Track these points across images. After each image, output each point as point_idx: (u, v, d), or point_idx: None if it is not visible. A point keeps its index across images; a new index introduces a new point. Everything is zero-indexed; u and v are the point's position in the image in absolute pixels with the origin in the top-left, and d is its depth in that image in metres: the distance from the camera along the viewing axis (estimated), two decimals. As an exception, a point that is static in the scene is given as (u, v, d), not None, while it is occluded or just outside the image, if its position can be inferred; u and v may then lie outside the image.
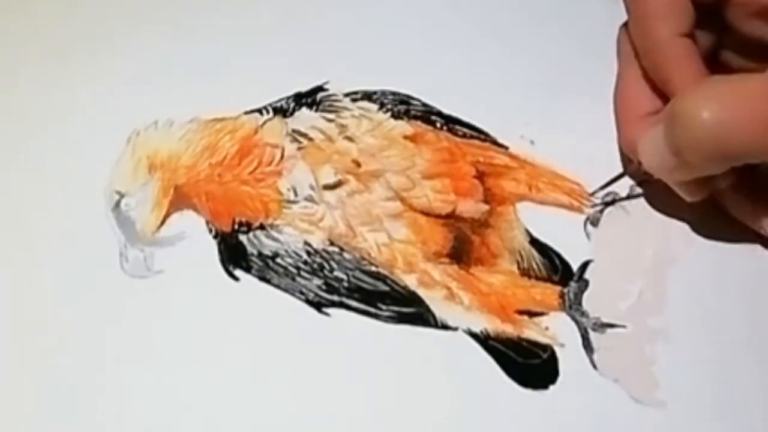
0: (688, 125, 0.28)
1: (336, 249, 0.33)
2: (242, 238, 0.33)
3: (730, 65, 0.34)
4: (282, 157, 0.35)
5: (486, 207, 0.35)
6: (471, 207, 0.34)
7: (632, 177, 0.34)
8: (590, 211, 0.35)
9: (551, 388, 0.31)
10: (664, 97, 0.32)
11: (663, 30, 0.32)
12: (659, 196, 0.34)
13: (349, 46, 0.38)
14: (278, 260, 0.33)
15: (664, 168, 0.31)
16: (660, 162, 0.31)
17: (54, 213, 0.34)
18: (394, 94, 0.37)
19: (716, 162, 0.29)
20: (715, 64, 0.34)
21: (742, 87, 0.28)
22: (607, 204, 0.35)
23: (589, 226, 0.34)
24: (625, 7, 0.34)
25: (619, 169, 0.35)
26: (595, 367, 0.31)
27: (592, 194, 0.35)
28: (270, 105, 0.37)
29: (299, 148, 0.35)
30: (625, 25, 0.35)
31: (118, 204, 0.34)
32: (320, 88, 0.37)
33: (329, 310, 0.32)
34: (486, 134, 0.36)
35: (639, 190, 0.35)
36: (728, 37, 0.33)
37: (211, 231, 0.34)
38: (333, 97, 0.37)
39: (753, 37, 0.32)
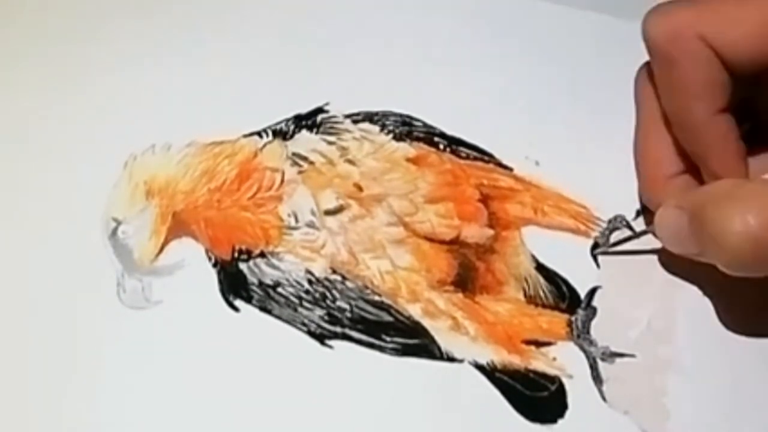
0: (724, 242, 0.27)
1: (338, 277, 0.32)
2: (242, 266, 0.33)
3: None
4: (282, 181, 0.34)
5: (491, 232, 0.34)
6: (476, 232, 0.34)
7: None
8: (597, 235, 0.34)
9: (560, 422, 0.30)
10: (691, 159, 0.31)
11: (699, 110, 0.29)
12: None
13: (350, 67, 0.38)
14: (279, 290, 0.32)
15: (685, 253, 0.30)
16: (680, 248, 0.30)
17: (49, 241, 0.33)
18: (395, 115, 0.36)
19: (746, 273, 0.28)
20: (751, 131, 0.32)
21: None
22: (614, 228, 0.34)
23: (597, 251, 0.34)
24: (655, 73, 0.31)
25: (626, 192, 0.34)
26: (604, 399, 0.30)
27: (614, 244, 0.34)
28: (269, 127, 0.36)
29: (300, 172, 0.35)
30: (646, 69, 0.33)
31: (115, 231, 0.33)
32: (320, 110, 0.36)
33: (332, 342, 0.31)
34: (490, 155, 0.36)
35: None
36: (765, 104, 0.31)
37: (210, 259, 0.33)
38: (334, 119, 0.36)
39: None
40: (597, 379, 0.31)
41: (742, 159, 0.30)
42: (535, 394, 0.31)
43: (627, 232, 0.34)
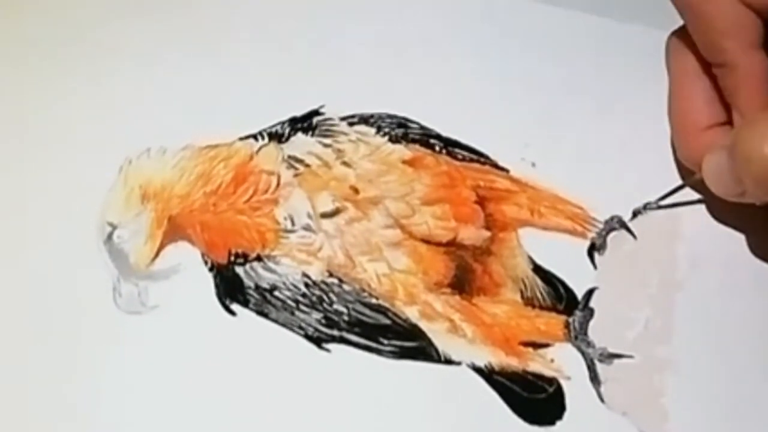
0: (750, 160, 0.27)
1: (335, 280, 0.32)
2: (239, 270, 0.33)
3: None
4: (278, 184, 0.34)
5: (487, 233, 0.34)
6: (472, 234, 0.34)
7: (694, 189, 0.33)
8: (594, 236, 0.34)
9: (558, 423, 0.30)
10: (725, 108, 0.32)
11: (730, 46, 0.30)
12: (663, 219, 0.33)
13: (345, 69, 0.38)
14: (276, 293, 0.32)
15: (731, 195, 0.30)
16: (725, 189, 0.30)
17: (44, 246, 0.33)
18: (391, 117, 0.36)
19: None
20: None
21: None
22: (611, 228, 0.34)
23: (594, 252, 0.34)
24: (687, 24, 0.32)
25: (623, 193, 0.34)
26: (602, 400, 0.30)
27: (649, 205, 0.34)
28: (265, 130, 0.36)
29: (296, 175, 0.34)
30: (675, 36, 0.34)
31: (110, 236, 0.33)
32: (316, 112, 0.36)
33: (329, 346, 0.31)
34: (486, 157, 0.36)
35: (643, 213, 0.34)
36: None
37: (206, 263, 0.33)
38: (329, 121, 0.36)
39: None
40: (595, 380, 0.31)
41: None
42: (533, 396, 0.31)
43: (624, 233, 0.34)
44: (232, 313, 0.32)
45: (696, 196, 0.34)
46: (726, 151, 0.29)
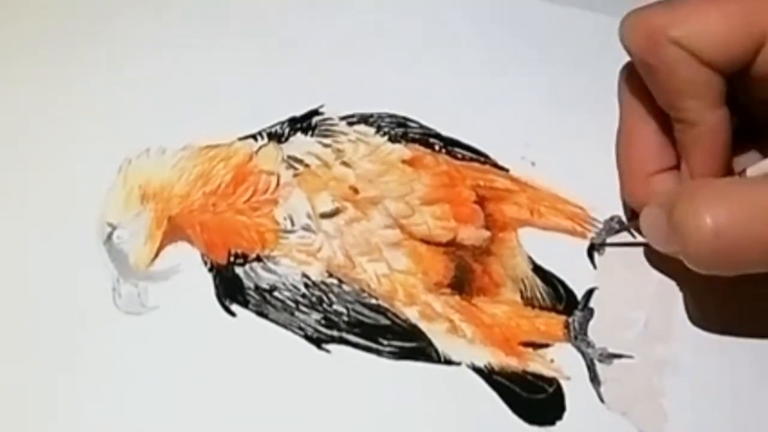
0: (685, 234, 0.27)
1: (335, 281, 0.32)
2: (238, 270, 0.32)
3: (751, 125, 0.32)
4: (278, 184, 0.34)
5: (487, 233, 0.34)
6: (472, 234, 0.34)
7: (637, 230, 0.33)
8: (594, 236, 0.34)
9: (558, 424, 0.30)
10: (675, 153, 0.31)
11: (692, 106, 0.29)
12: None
13: (345, 69, 0.38)
14: (276, 294, 0.32)
15: (667, 251, 0.30)
16: (661, 246, 0.30)
17: (44, 246, 0.33)
18: (391, 116, 0.36)
19: (709, 270, 0.28)
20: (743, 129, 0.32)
21: (752, 195, 0.26)
22: (611, 229, 0.34)
23: (593, 252, 0.34)
24: (640, 72, 0.31)
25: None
26: (602, 400, 0.30)
27: (600, 245, 0.34)
28: (264, 130, 0.36)
29: (295, 175, 0.34)
30: (629, 68, 0.33)
31: (110, 236, 0.33)
32: (315, 112, 0.36)
33: (329, 346, 0.31)
34: (486, 156, 0.36)
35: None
36: (749, 100, 0.31)
37: (206, 264, 0.33)
38: (329, 121, 0.36)
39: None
40: (595, 380, 0.31)
41: (726, 157, 0.30)
42: (533, 396, 0.31)
43: (624, 233, 0.34)
44: (231, 313, 0.32)
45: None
46: (663, 210, 0.29)
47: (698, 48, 0.28)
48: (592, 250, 0.34)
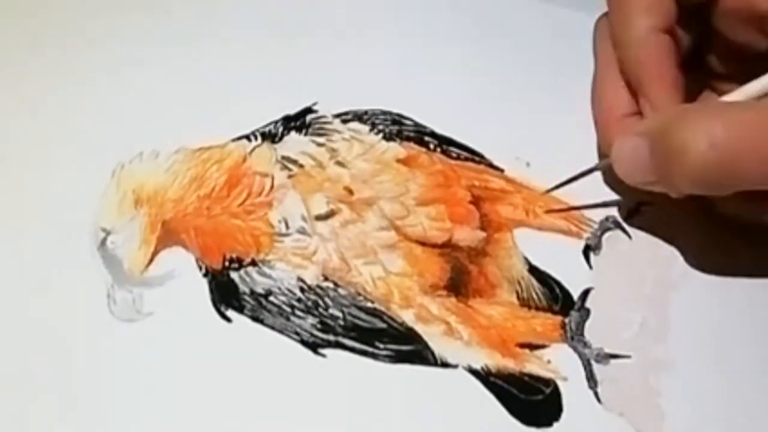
0: (685, 152, 0.27)
1: (330, 285, 0.32)
2: (234, 275, 0.32)
3: (712, 69, 0.33)
4: (272, 186, 0.34)
5: (483, 234, 0.34)
6: (467, 235, 0.34)
7: (603, 172, 0.33)
8: (589, 236, 0.34)
9: (555, 425, 0.30)
10: None
11: (641, 23, 0.30)
12: (658, 218, 0.33)
13: (338, 65, 0.37)
14: (271, 298, 0.32)
15: (642, 183, 0.30)
16: (637, 176, 0.30)
17: (37, 253, 0.33)
18: (385, 113, 0.36)
19: (713, 191, 0.28)
20: (694, 67, 0.33)
21: (752, 115, 0.27)
22: (606, 228, 0.34)
23: (589, 252, 0.34)
24: None
25: (617, 193, 0.34)
26: (599, 401, 0.31)
27: (547, 191, 0.34)
28: (258, 130, 0.35)
29: (289, 176, 0.34)
30: (604, 17, 0.34)
31: (104, 242, 0.33)
32: (309, 110, 0.36)
33: (325, 351, 0.31)
34: (481, 156, 0.36)
35: (638, 212, 0.34)
36: (712, 39, 0.32)
37: (201, 269, 0.33)
38: (323, 119, 0.36)
39: (738, 42, 0.31)
40: (592, 380, 0.31)
41: (678, 85, 0.31)
42: (530, 397, 0.31)
43: (619, 233, 0.34)
44: (227, 319, 0.32)
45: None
46: (645, 138, 0.29)
47: None
48: (587, 250, 0.34)
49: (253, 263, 0.33)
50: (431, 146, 0.36)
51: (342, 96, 0.36)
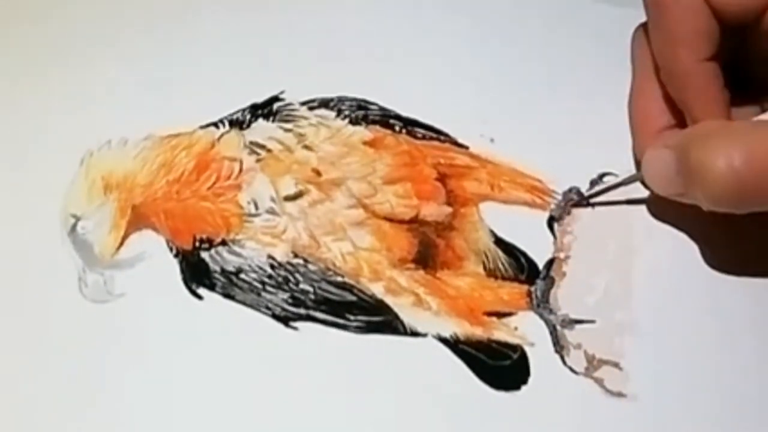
0: (703, 171, 0.28)
1: (300, 261, 0.33)
2: (204, 255, 0.33)
3: (754, 80, 0.33)
4: (240, 170, 0.34)
5: (449, 209, 0.34)
6: (434, 210, 0.34)
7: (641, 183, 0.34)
8: (553, 207, 0.35)
9: (523, 388, 0.31)
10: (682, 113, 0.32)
11: (686, 57, 0.31)
12: (620, 189, 0.34)
13: (304, 54, 0.38)
14: (242, 276, 0.32)
15: (670, 193, 0.31)
16: (666, 188, 0.31)
17: (7, 240, 0.33)
18: (351, 99, 0.37)
19: (736, 210, 0.29)
20: (736, 79, 0.33)
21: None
22: (569, 200, 0.35)
23: (553, 223, 0.34)
24: (648, 20, 0.33)
25: (580, 164, 0.35)
26: (565, 364, 0.31)
27: (587, 197, 0.34)
28: (226, 118, 0.36)
29: (258, 160, 0.35)
30: (642, 28, 0.34)
31: (74, 227, 0.33)
32: (276, 98, 0.37)
33: (297, 324, 0.32)
34: (445, 135, 0.36)
35: (600, 186, 0.35)
36: (753, 54, 0.32)
37: (171, 250, 0.33)
38: (290, 107, 0.37)
39: None
40: (558, 345, 0.32)
41: (725, 107, 0.31)
42: (498, 363, 0.31)
43: (582, 204, 0.35)
44: (198, 297, 0.32)
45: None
46: (674, 152, 0.29)
47: None
48: (551, 221, 0.34)
49: (224, 243, 0.33)
50: (397, 128, 0.36)
51: (308, 84, 0.37)
